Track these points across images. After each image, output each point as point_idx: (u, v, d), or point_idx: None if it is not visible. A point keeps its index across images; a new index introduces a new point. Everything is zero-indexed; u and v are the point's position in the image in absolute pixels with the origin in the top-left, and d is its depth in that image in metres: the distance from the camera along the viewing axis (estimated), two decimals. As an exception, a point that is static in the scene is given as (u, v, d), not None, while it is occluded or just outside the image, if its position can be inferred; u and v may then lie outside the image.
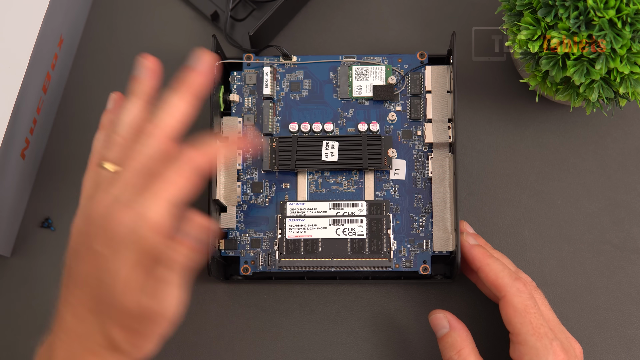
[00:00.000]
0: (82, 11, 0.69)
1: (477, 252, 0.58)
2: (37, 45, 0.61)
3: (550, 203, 0.65)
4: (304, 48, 0.69)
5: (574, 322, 0.63)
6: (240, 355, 0.63)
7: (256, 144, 0.61)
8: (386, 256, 0.60)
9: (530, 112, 0.67)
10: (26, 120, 0.63)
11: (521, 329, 0.55)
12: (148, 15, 0.70)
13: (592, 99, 0.56)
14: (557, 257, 0.64)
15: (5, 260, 0.65)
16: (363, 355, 0.63)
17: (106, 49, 0.69)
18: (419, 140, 0.63)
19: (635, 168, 0.65)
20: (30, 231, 0.66)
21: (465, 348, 0.57)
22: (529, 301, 0.56)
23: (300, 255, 0.61)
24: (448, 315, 0.59)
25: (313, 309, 0.64)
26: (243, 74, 0.65)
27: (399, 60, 0.64)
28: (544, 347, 0.55)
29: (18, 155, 0.63)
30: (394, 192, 0.62)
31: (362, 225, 0.61)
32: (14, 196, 0.64)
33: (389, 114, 0.63)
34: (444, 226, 0.61)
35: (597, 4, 0.53)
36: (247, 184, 0.63)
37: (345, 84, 0.64)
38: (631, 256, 0.64)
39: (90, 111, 0.68)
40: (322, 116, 0.64)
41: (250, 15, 0.68)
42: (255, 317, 0.64)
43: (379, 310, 0.64)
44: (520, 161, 0.66)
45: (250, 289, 0.64)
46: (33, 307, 0.65)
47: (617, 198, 0.65)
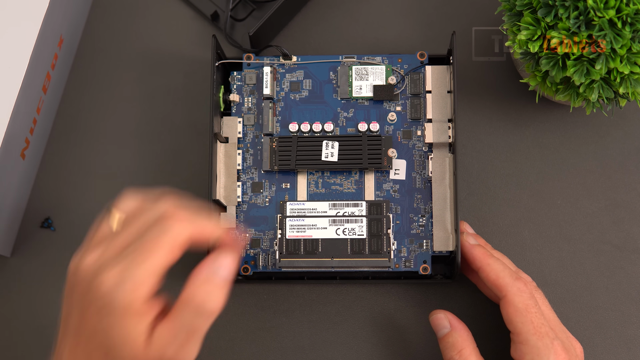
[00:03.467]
0: (82, 11, 0.69)
1: (478, 252, 0.58)
2: (37, 45, 0.61)
3: (550, 203, 0.65)
4: (304, 48, 0.69)
5: (574, 322, 0.63)
6: (240, 355, 0.63)
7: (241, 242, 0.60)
8: (386, 256, 0.60)
9: (530, 112, 0.67)
10: (26, 120, 0.63)
11: (522, 328, 0.55)
12: (148, 15, 0.70)
13: (592, 99, 0.56)
14: (557, 257, 0.64)
15: (5, 260, 0.65)
16: (363, 355, 0.63)
17: (106, 49, 0.69)
18: (419, 140, 0.63)
19: (635, 168, 0.65)
20: (30, 231, 0.66)
21: (466, 348, 0.57)
22: (529, 301, 0.56)
23: (300, 255, 0.61)
24: (449, 315, 0.59)
25: (313, 309, 0.64)
26: (243, 74, 0.65)
27: (399, 60, 0.64)
28: (545, 346, 0.55)
29: (18, 155, 0.63)
30: (394, 192, 0.63)
31: (362, 225, 0.61)
32: (14, 196, 0.64)
33: (389, 114, 0.64)
34: (444, 226, 0.61)
35: (597, 4, 0.53)
36: (247, 184, 0.63)
37: (345, 84, 0.64)
38: (631, 256, 0.64)
39: (90, 111, 0.68)
40: (322, 116, 0.64)
41: (250, 15, 0.68)
42: (255, 317, 0.64)
43: (379, 310, 0.64)
44: (520, 161, 0.66)
45: (250, 289, 0.64)
46: (33, 307, 0.65)
47: (617, 198, 0.65)
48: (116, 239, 0.50)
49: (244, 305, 0.64)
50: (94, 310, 0.48)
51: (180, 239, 0.49)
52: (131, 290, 0.47)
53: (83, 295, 0.49)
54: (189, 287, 0.49)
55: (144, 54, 0.69)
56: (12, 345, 0.64)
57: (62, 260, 0.65)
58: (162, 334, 0.48)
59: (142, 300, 0.48)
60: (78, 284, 0.50)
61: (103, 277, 0.48)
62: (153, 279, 0.48)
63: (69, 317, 0.50)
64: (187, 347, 0.49)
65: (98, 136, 0.68)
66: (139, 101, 0.68)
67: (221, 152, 0.63)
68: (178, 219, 0.49)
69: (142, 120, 0.68)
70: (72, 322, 0.50)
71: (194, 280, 0.49)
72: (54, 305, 0.65)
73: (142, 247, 0.48)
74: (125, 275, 0.47)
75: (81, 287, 0.49)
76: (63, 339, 0.50)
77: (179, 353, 0.48)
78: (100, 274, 0.48)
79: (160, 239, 0.48)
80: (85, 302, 0.49)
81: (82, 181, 0.67)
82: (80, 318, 0.49)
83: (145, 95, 0.68)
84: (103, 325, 0.48)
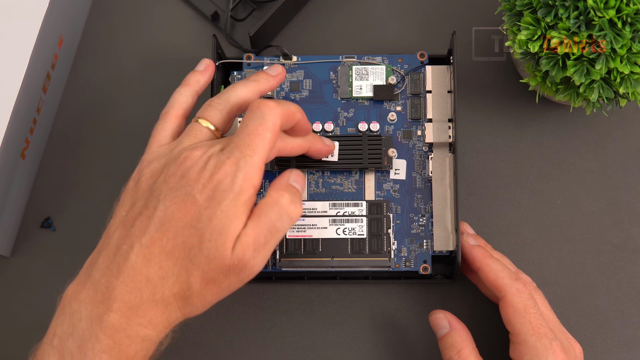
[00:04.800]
0: (82, 11, 0.69)
1: (477, 253, 0.58)
2: (37, 45, 0.61)
3: (550, 203, 0.65)
4: (304, 48, 0.69)
5: (574, 322, 0.63)
6: (240, 355, 0.63)
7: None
8: (386, 256, 0.60)
9: (530, 112, 0.67)
10: (26, 120, 0.63)
11: (521, 329, 0.55)
12: (148, 15, 0.70)
13: (592, 99, 0.56)
14: (557, 257, 0.64)
15: (5, 260, 0.65)
16: (363, 355, 0.63)
17: (106, 49, 0.69)
18: (419, 140, 0.63)
19: (635, 168, 0.65)
20: (30, 231, 0.66)
21: (465, 348, 0.57)
22: (528, 301, 0.56)
23: (301, 255, 0.61)
24: (448, 315, 0.59)
25: (313, 309, 0.64)
26: (243, 74, 0.65)
27: (399, 60, 0.64)
28: (544, 347, 0.55)
29: (18, 155, 0.63)
30: (394, 192, 0.63)
31: (362, 225, 0.61)
32: (14, 196, 0.64)
33: (389, 113, 0.64)
34: (444, 226, 0.61)
35: (597, 4, 0.53)
36: (247, 184, 0.63)
37: (345, 84, 0.64)
38: (631, 256, 0.64)
39: (90, 111, 0.68)
40: (322, 116, 0.64)
41: (250, 15, 0.68)
42: (255, 317, 0.64)
43: (379, 310, 0.64)
44: (520, 161, 0.66)
45: (250, 289, 0.64)
46: (33, 307, 0.65)
47: (617, 198, 0.65)
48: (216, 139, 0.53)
49: (244, 305, 0.64)
50: (202, 200, 0.49)
51: (277, 125, 0.51)
52: (246, 180, 0.49)
53: (188, 184, 0.50)
54: (274, 191, 0.51)
55: (144, 54, 0.69)
56: (13, 345, 0.64)
57: (62, 260, 0.65)
58: (245, 232, 0.49)
59: (254, 189, 0.50)
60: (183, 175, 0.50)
61: (220, 168, 0.50)
62: (262, 170, 0.51)
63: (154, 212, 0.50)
64: (264, 250, 0.50)
65: (98, 136, 0.68)
66: (139, 101, 0.68)
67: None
68: (270, 105, 0.51)
69: (142, 120, 0.68)
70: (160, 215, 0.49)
71: (278, 185, 0.52)
72: (54, 305, 0.65)
73: (248, 140, 0.50)
74: (240, 166, 0.49)
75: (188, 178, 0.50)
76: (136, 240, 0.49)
77: (256, 256, 0.50)
78: (216, 166, 0.50)
79: (261, 128, 0.51)
80: (188, 191, 0.50)
81: (82, 181, 0.67)
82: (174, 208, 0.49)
83: (145, 95, 0.68)
84: (207, 213, 0.49)
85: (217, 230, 0.49)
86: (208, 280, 0.49)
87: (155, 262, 0.49)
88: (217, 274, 0.49)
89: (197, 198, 0.49)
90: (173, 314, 0.50)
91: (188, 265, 0.49)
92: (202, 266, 0.49)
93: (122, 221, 0.51)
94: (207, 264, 0.49)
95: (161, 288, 0.49)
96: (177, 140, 0.54)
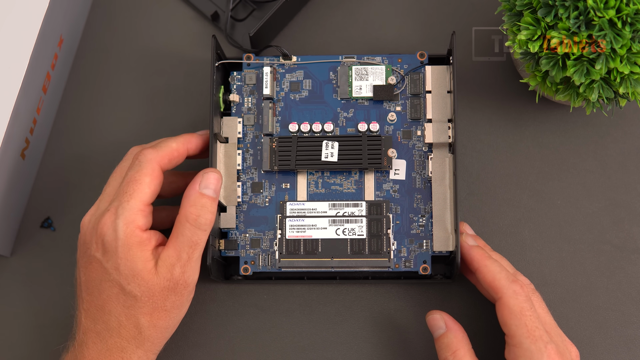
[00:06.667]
0: (82, 11, 0.69)
1: (476, 253, 0.58)
2: (37, 45, 0.61)
3: (550, 203, 0.65)
4: (304, 48, 0.69)
5: (574, 322, 0.63)
6: (240, 355, 0.63)
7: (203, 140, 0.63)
8: (386, 256, 0.60)
9: (530, 112, 0.67)
10: (26, 120, 0.63)
11: (516, 331, 0.55)
12: (148, 15, 0.70)
13: (592, 99, 0.56)
14: (557, 257, 0.64)
15: (5, 260, 0.65)
16: (363, 355, 0.63)
17: (106, 49, 0.69)
18: (419, 140, 0.63)
19: (635, 168, 0.65)
20: (30, 231, 0.66)
21: (460, 349, 0.57)
22: (525, 304, 0.56)
23: (300, 255, 0.61)
24: (445, 316, 0.59)
25: (313, 309, 0.64)
26: (243, 74, 0.65)
27: (399, 60, 0.64)
28: (539, 350, 0.54)
29: (18, 155, 0.63)
30: (393, 192, 0.63)
31: (362, 225, 0.61)
32: (14, 196, 0.64)
33: (389, 114, 0.64)
34: (444, 226, 0.61)
35: (597, 4, 0.53)
36: (247, 184, 0.63)
37: (345, 84, 0.64)
38: (631, 256, 0.64)
39: (90, 111, 0.68)
40: (322, 116, 0.64)
41: (250, 15, 0.68)
42: (255, 317, 0.64)
43: (379, 310, 0.64)
44: (520, 161, 0.66)
45: (250, 289, 0.64)
46: (33, 307, 0.65)
47: (617, 198, 0.65)
48: (103, 193, 0.58)
49: (244, 305, 0.64)
50: (100, 256, 0.54)
51: (154, 166, 0.56)
52: (127, 224, 0.54)
53: (87, 248, 0.56)
54: (183, 208, 0.56)
55: (144, 54, 0.69)
56: (13, 344, 0.64)
57: (62, 260, 0.65)
58: (167, 254, 0.55)
59: (139, 230, 0.54)
60: (82, 242, 0.56)
61: (100, 223, 0.55)
62: (144, 210, 0.55)
63: (80, 279, 0.56)
64: (190, 264, 0.55)
65: (98, 136, 0.68)
66: (139, 101, 0.68)
67: (221, 152, 0.63)
68: (145, 152, 0.56)
69: (142, 120, 0.68)
70: (82, 281, 0.56)
71: (186, 201, 0.56)
72: (54, 305, 0.65)
73: (125, 188, 0.55)
74: (119, 214, 0.54)
75: (85, 243, 0.56)
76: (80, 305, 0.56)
77: (185, 271, 0.55)
78: (97, 222, 0.55)
79: (137, 174, 0.55)
80: (89, 254, 0.55)
81: (82, 181, 0.67)
82: (87, 272, 0.55)
83: (145, 95, 0.68)
84: (110, 266, 0.54)
85: (129, 275, 0.54)
86: (151, 310, 0.54)
87: (97, 319, 0.55)
88: (155, 301, 0.54)
89: (96, 257, 0.55)
90: (134, 354, 0.55)
91: (124, 311, 0.54)
92: (136, 305, 0.54)
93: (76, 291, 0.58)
94: (140, 301, 0.54)
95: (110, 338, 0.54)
96: None
